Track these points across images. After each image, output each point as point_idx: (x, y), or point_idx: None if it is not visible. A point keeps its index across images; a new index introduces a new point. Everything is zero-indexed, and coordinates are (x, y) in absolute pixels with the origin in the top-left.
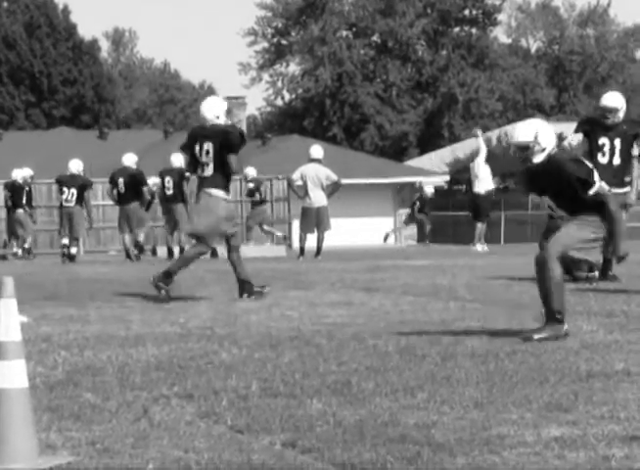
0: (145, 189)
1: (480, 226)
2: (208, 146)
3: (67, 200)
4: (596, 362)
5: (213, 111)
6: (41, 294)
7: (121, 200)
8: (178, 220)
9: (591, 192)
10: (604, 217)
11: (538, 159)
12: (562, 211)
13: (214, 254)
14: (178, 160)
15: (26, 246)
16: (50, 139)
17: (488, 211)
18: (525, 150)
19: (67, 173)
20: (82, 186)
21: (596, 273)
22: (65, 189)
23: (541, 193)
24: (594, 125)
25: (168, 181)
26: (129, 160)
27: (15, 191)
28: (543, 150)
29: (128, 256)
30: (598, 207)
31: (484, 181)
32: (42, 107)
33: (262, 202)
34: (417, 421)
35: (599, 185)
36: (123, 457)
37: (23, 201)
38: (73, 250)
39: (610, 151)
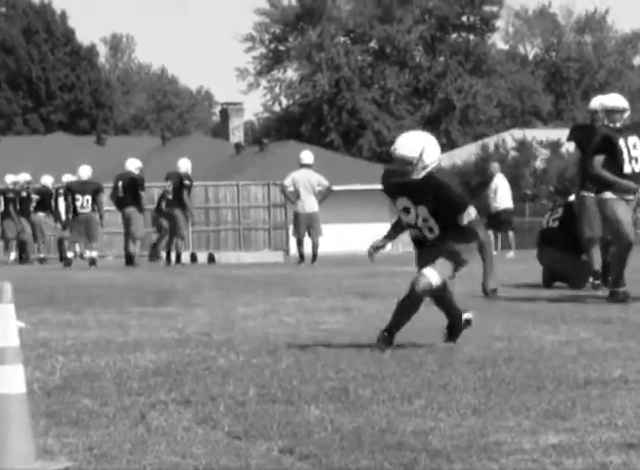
0: (143, 194)
1: (512, 235)
2: None
3: (82, 206)
4: (593, 369)
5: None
6: (39, 299)
7: (120, 203)
8: (178, 226)
9: (464, 220)
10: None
11: (417, 175)
12: (431, 231)
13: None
14: (184, 164)
15: (42, 255)
16: (47, 144)
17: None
18: (408, 165)
19: (76, 180)
20: (96, 191)
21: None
22: (78, 196)
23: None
24: (587, 133)
25: (169, 186)
26: (132, 164)
27: (44, 195)
28: (425, 167)
29: (130, 261)
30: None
31: (505, 197)
32: (40, 112)
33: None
34: (414, 428)
35: (469, 211)
36: (121, 463)
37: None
38: (94, 254)
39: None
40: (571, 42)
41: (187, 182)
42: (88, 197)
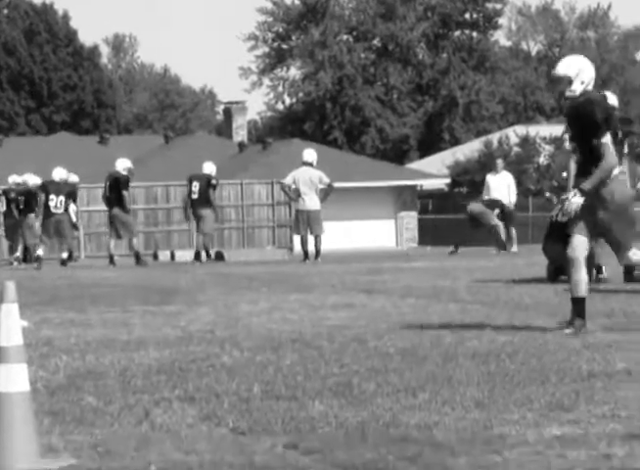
0: (125, 194)
1: (514, 230)
2: None
3: (56, 207)
4: (597, 362)
5: None
6: (42, 298)
7: (108, 203)
8: (202, 225)
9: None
10: None
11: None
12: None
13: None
14: (208, 167)
15: (40, 253)
16: (50, 145)
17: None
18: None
19: (51, 180)
20: (70, 193)
21: (605, 274)
22: (53, 196)
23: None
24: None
25: (195, 186)
26: (120, 164)
27: (28, 196)
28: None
29: (111, 261)
30: None
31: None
32: (42, 112)
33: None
34: (418, 422)
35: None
36: (125, 460)
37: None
38: (64, 255)
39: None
40: (573, 38)
41: (214, 181)
42: (62, 198)
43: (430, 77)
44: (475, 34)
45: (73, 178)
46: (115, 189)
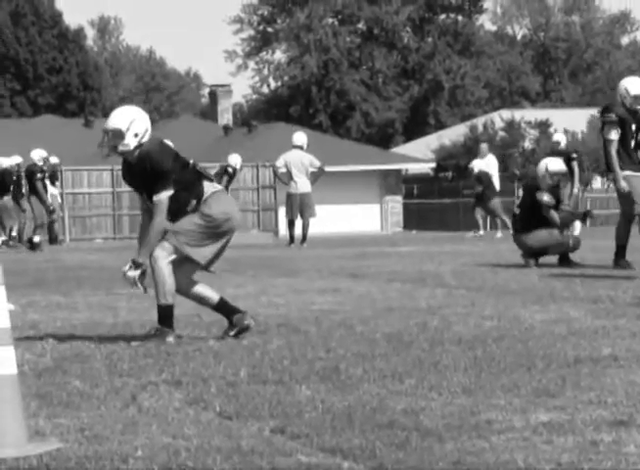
0: None
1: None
2: None
3: None
4: (583, 348)
5: None
6: (28, 281)
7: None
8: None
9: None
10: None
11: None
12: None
13: None
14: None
15: (13, 234)
16: (35, 127)
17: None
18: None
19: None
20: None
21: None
22: None
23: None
24: (621, 112)
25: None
26: None
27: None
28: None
29: None
30: None
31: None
32: (28, 95)
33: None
34: (405, 407)
35: None
36: (112, 444)
37: (11, 188)
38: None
39: (636, 137)
40: (559, 22)
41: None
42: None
43: (415, 62)
44: (460, 18)
45: (54, 160)
46: None
